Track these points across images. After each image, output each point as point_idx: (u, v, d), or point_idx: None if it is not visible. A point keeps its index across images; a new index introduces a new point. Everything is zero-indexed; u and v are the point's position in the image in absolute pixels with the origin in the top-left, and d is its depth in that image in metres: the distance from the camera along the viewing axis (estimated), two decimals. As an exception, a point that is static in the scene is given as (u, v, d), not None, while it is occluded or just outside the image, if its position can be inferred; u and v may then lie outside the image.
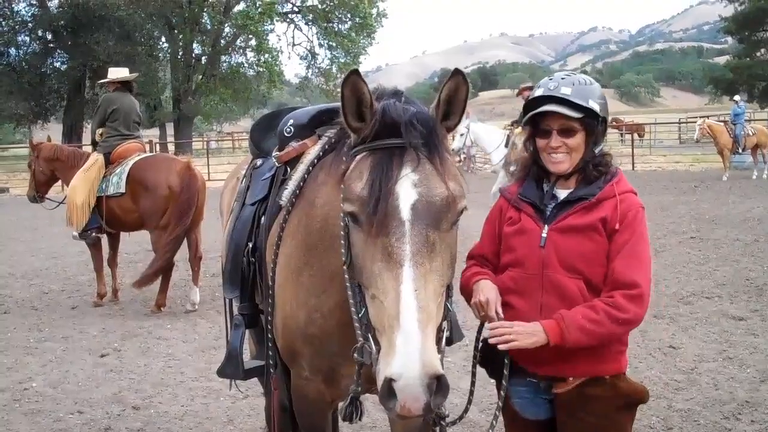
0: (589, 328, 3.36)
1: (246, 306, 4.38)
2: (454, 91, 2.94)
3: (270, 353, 4.01)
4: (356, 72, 2.83)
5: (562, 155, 3.55)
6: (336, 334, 3.52)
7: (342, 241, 3.09)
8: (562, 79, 3.60)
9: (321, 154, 3.80)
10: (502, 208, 3.82)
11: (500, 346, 3.37)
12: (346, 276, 3.06)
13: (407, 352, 2.51)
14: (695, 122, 32.45)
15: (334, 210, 3.36)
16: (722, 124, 28.92)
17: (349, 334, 3.39)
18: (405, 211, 2.71)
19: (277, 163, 4.13)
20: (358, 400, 3.26)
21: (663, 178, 28.37)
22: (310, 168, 3.79)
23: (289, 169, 4.02)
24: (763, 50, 70.01)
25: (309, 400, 3.87)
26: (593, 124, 3.58)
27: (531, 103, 3.61)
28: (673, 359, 7.97)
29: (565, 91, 3.51)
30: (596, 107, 3.54)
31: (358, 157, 2.89)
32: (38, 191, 12.52)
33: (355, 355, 2.91)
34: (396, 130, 2.83)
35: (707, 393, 7.04)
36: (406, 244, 2.67)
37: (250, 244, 4.21)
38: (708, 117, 35.73)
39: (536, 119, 3.61)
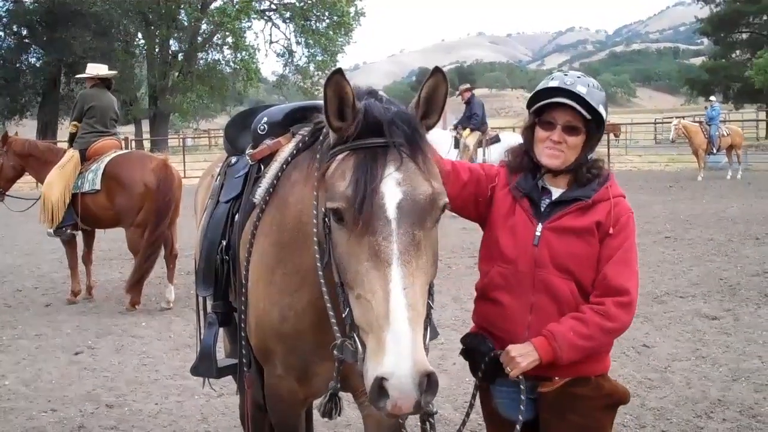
0: (581, 345, 3.40)
1: (219, 304, 4.34)
2: (434, 90, 2.95)
3: (243, 351, 3.99)
4: (339, 71, 2.82)
5: (559, 151, 3.53)
6: (309, 332, 3.52)
7: (316, 240, 3.11)
8: (578, 77, 3.58)
9: (295, 152, 3.77)
10: (500, 177, 3.77)
11: (511, 374, 3.41)
12: (321, 275, 3.06)
13: (398, 351, 2.51)
14: (671, 122, 32.69)
15: (306, 208, 3.35)
16: (697, 124, 29.14)
17: (322, 333, 3.40)
18: (391, 210, 2.71)
19: (250, 161, 4.10)
20: (336, 397, 3.27)
21: (638, 178, 28.53)
22: (284, 166, 3.76)
23: (262, 167, 3.98)
24: (738, 52, 70.52)
25: (282, 398, 3.86)
26: (595, 129, 3.58)
27: (542, 93, 3.59)
28: (647, 358, 8.03)
29: (581, 90, 3.49)
30: (604, 114, 3.55)
31: (339, 156, 2.87)
32: (2, 187, 12.36)
33: (335, 352, 2.91)
34: (378, 129, 2.83)
35: (680, 391, 7.08)
36: (393, 243, 2.67)
37: (224, 242, 4.18)
38: (683, 117, 35.96)
39: (542, 110, 3.59)
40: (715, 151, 28.21)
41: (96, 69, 12.03)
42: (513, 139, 21.93)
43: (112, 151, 11.34)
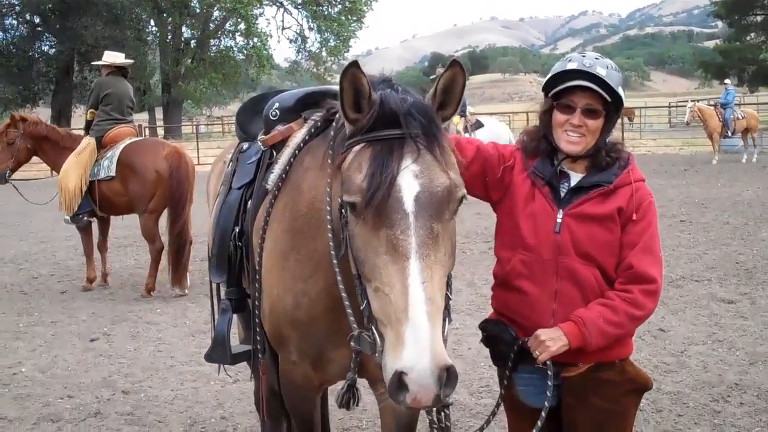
0: (610, 331, 3.38)
1: (233, 290, 4.35)
2: (451, 82, 2.93)
3: (257, 338, 3.99)
4: (356, 64, 2.79)
5: (579, 136, 3.47)
6: (323, 318, 3.52)
7: (330, 228, 3.12)
8: (596, 59, 3.51)
9: (307, 138, 3.75)
10: (516, 159, 3.70)
11: (540, 358, 3.38)
12: (336, 264, 3.07)
13: (418, 345, 2.50)
14: (685, 106, 32.53)
15: (320, 195, 3.36)
16: (712, 107, 28.97)
17: (336, 319, 3.42)
18: (408, 203, 2.68)
19: (262, 147, 4.09)
20: (354, 387, 3.29)
21: (653, 162, 28.38)
22: (296, 152, 3.75)
23: (275, 153, 3.97)
24: (752, 34, 70.11)
25: (296, 384, 3.86)
26: (614, 111, 3.54)
27: (560, 76, 3.52)
28: (663, 342, 8.00)
29: (601, 72, 3.42)
30: (623, 95, 3.51)
31: (356, 148, 2.85)
32: (11, 169, 12.17)
33: (353, 343, 2.94)
34: (395, 120, 2.80)
35: (696, 375, 7.06)
36: (411, 236, 2.65)
37: (237, 228, 4.17)
38: (698, 101, 35.77)
39: (559, 93, 3.52)
40: (730, 134, 28.06)
41: (113, 57, 12.05)
42: (495, 124, 21.86)
43: (128, 138, 11.36)
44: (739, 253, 12.11)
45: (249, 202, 4.10)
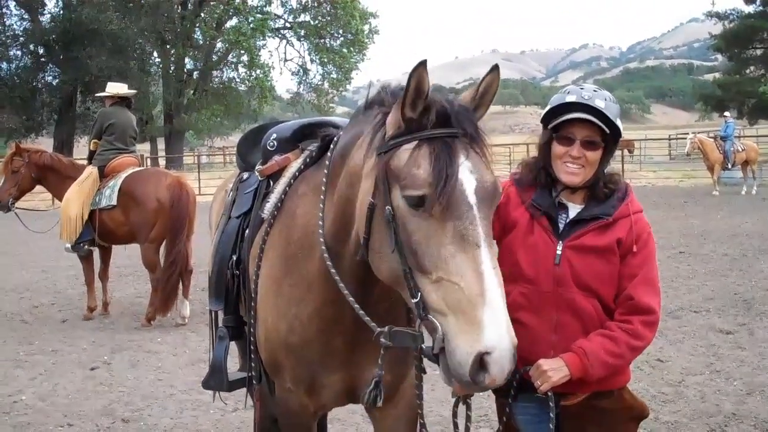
0: (611, 362, 3.41)
1: (230, 318, 4.40)
2: (489, 85, 3.05)
3: (253, 365, 4.04)
4: (424, 64, 2.86)
5: (578, 167, 3.49)
6: (315, 341, 3.58)
7: (323, 244, 3.30)
8: (594, 91, 3.54)
9: (302, 167, 3.83)
10: (511, 195, 3.73)
11: (542, 388, 3.40)
12: (334, 273, 3.23)
13: (499, 326, 2.63)
14: (685, 138, 32.63)
15: (313, 219, 3.46)
16: (712, 140, 29.07)
17: (327, 341, 3.54)
18: (471, 196, 2.80)
19: (260, 177, 4.17)
20: (381, 384, 3.34)
21: (653, 194, 28.44)
22: (292, 181, 3.83)
23: (272, 183, 4.05)
24: (752, 68, 70.31)
25: (293, 411, 3.90)
26: (612, 143, 3.57)
27: (559, 108, 3.55)
28: (661, 372, 8.02)
29: (599, 104, 3.45)
30: (621, 126, 3.54)
31: (406, 146, 2.90)
32: (14, 198, 12.22)
33: (382, 339, 3.07)
34: (446, 120, 2.90)
35: (694, 405, 7.08)
36: (478, 226, 2.77)
37: (234, 257, 4.23)
38: (698, 133, 35.89)
39: (558, 126, 3.55)
40: (730, 166, 28.14)
41: (116, 88, 12.16)
42: None
43: (130, 168, 11.44)
44: (738, 285, 12.14)
45: (246, 231, 4.17)
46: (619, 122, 3.52)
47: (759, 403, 7.08)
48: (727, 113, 32.87)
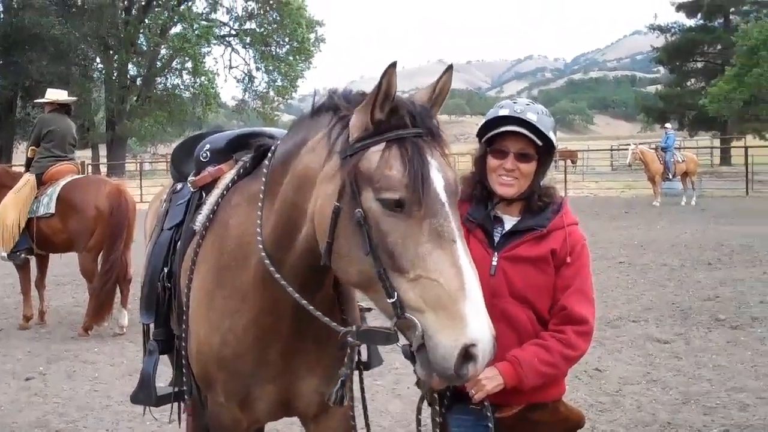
0: (545, 371, 3.43)
1: (161, 331, 4.34)
2: (444, 85, 3.10)
3: (185, 379, 3.99)
4: (394, 65, 2.88)
5: (512, 179, 3.52)
6: (249, 353, 3.55)
7: (263, 251, 3.28)
8: (527, 105, 3.59)
9: (236, 178, 3.79)
10: None
11: (476, 397, 3.40)
12: (280, 277, 3.23)
13: (480, 319, 2.69)
14: (627, 149, 33.07)
15: (249, 228, 3.43)
16: (653, 151, 29.49)
17: (263, 351, 3.52)
18: (442, 194, 2.85)
19: (192, 188, 4.13)
20: (346, 383, 3.31)
21: (595, 204, 28.76)
22: (224, 192, 3.78)
23: (204, 194, 4.00)
24: (693, 80, 71.60)
25: (225, 426, 3.84)
26: (546, 155, 3.60)
27: (493, 122, 3.59)
28: (599, 381, 8.09)
29: (531, 117, 3.49)
30: (554, 139, 3.57)
31: (374, 148, 2.90)
32: None
33: (350, 338, 3.07)
34: (412, 121, 2.93)
35: (630, 415, 7.15)
36: (452, 222, 2.82)
37: (166, 269, 4.17)
38: (640, 143, 36.41)
39: (493, 139, 3.58)
40: (670, 177, 28.54)
41: (55, 94, 11.99)
42: None
43: (69, 176, 11.27)
44: (675, 295, 12.30)
45: (178, 243, 4.11)
46: (552, 135, 3.55)
47: (694, 412, 7.16)
48: (668, 125, 33.36)
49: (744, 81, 50.21)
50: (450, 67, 3.13)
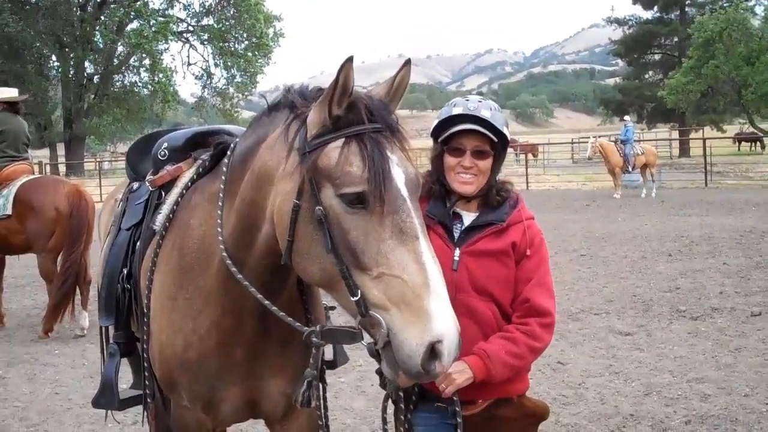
0: (512, 363, 3.45)
1: (121, 334, 4.27)
2: (402, 80, 3.10)
3: (147, 382, 3.93)
4: (351, 60, 2.86)
5: (471, 177, 3.55)
6: (214, 355, 3.52)
7: (225, 251, 3.27)
8: (479, 102, 3.61)
9: (195, 177, 3.76)
10: None
11: (447, 391, 3.39)
12: (244, 281, 3.22)
13: (445, 314, 2.70)
14: (587, 142, 33.31)
15: (210, 229, 3.40)
16: (613, 143, 29.70)
17: (226, 354, 3.49)
18: (403, 189, 2.86)
19: (150, 188, 4.07)
20: (313, 384, 3.30)
21: (556, 197, 28.95)
22: (184, 191, 3.75)
23: (163, 194, 3.94)
24: (650, 72, 72.24)
25: (189, 429, 3.82)
26: (501, 150, 3.64)
27: (448, 121, 3.61)
28: (561, 375, 8.14)
29: (485, 114, 3.52)
30: (508, 134, 3.61)
31: (333, 144, 2.89)
32: None
33: (314, 338, 3.09)
34: (370, 116, 2.92)
35: (593, 407, 7.19)
36: (414, 218, 2.83)
37: (125, 270, 4.11)
38: (600, 137, 36.69)
39: (449, 137, 3.60)
40: (630, 169, 28.76)
41: (4, 93, 11.80)
42: None
43: (24, 176, 11.10)
44: (637, 286, 12.40)
45: (137, 243, 4.04)
46: (506, 130, 3.60)
47: (656, 404, 7.22)
48: (627, 117, 33.61)
49: (701, 73, 50.73)
50: (408, 62, 3.12)
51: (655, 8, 69.36)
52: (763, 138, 54.51)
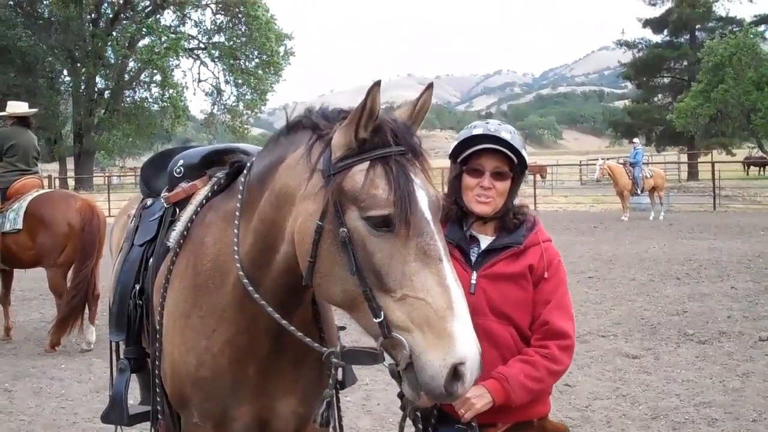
0: (532, 387, 3.44)
1: (132, 349, 4.27)
2: (425, 103, 3.12)
3: (158, 399, 3.91)
4: (378, 84, 2.88)
5: (489, 198, 3.56)
6: (227, 373, 3.51)
7: (241, 270, 3.29)
8: (499, 125, 3.64)
9: (210, 195, 3.77)
10: None
11: (466, 416, 3.38)
12: (258, 297, 3.23)
13: (468, 336, 2.71)
14: (595, 164, 33.32)
15: (225, 247, 3.42)
16: (622, 166, 29.71)
17: (240, 372, 3.47)
18: (427, 212, 2.88)
19: (165, 204, 4.07)
20: (332, 405, 3.32)
21: (564, 219, 28.93)
22: (198, 209, 3.76)
23: (178, 210, 3.95)
24: (660, 95, 72.31)
25: None
26: (520, 173, 3.66)
27: (468, 141, 3.63)
28: (569, 397, 8.11)
29: (506, 135, 3.54)
30: (527, 157, 3.63)
31: (359, 167, 2.91)
32: None
33: (334, 359, 3.12)
34: (394, 139, 2.94)
35: (600, 430, 7.17)
36: (438, 241, 2.84)
37: (138, 286, 4.11)
38: (608, 159, 36.72)
39: (468, 158, 3.62)
40: (639, 192, 28.76)
41: (16, 107, 11.84)
42: None
43: (34, 190, 11.14)
44: (644, 309, 12.36)
45: (150, 260, 4.04)
46: (525, 153, 3.61)
47: (663, 427, 7.19)
48: (636, 140, 33.67)
49: (710, 97, 50.77)
50: (431, 86, 3.16)
51: (665, 32, 69.61)
52: (772, 162, 54.50)
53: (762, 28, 57.90)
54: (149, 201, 4.51)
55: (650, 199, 29.36)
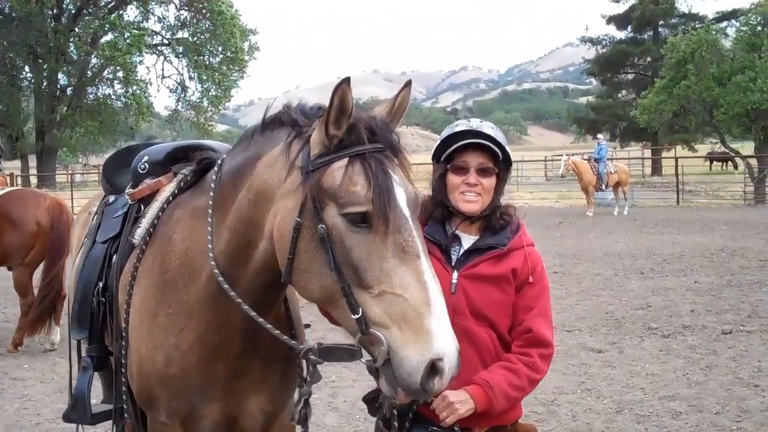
0: (513, 395, 3.45)
1: (95, 348, 4.22)
2: (403, 100, 3.16)
3: (123, 398, 3.87)
4: (347, 81, 2.89)
5: (476, 195, 3.53)
6: (196, 371, 3.49)
7: (216, 268, 3.26)
8: (481, 122, 3.64)
9: (176, 191, 3.75)
10: None
11: (447, 420, 3.37)
12: (235, 294, 3.22)
13: (446, 333, 2.73)
14: (560, 159, 33.50)
15: (195, 244, 3.41)
16: (586, 161, 29.89)
17: (208, 370, 3.46)
18: (405, 209, 2.89)
19: (130, 201, 4.04)
20: (309, 401, 3.32)
21: (529, 214, 28.38)
22: (165, 206, 3.73)
23: (143, 207, 3.92)
24: (623, 92, 72.67)
25: None
26: (505, 169, 3.65)
27: (450, 139, 3.61)
28: (534, 392, 8.05)
29: (489, 131, 3.55)
30: (510, 152, 3.63)
31: (337, 164, 2.91)
32: None
33: (311, 356, 3.11)
34: (372, 135, 2.95)
35: (565, 424, 7.22)
36: (416, 238, 2.87)
37: (101, 283, 4.07)
38: (573, 155, 36.90)
39: (451, 157, 3.59)
40: (603, 187, 28.95)
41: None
42: None
43: (0, 188, 11.00)
44: (609, 304, 12.48)
45: (114, 257, 4.01)
46: (508, 148, 3.62)
47: (628, 421, 7.26)
48: (600, 135, 33.91)
49: (673, 93, 51.07)
50: (409, 83, 3.20)
51: (629, 28, 69.96)
52: (734, 158, 54.88)
53: (723, 24, 58.29)
54: (111, 198, 4.46)
55: (614, 195, 29.64)
